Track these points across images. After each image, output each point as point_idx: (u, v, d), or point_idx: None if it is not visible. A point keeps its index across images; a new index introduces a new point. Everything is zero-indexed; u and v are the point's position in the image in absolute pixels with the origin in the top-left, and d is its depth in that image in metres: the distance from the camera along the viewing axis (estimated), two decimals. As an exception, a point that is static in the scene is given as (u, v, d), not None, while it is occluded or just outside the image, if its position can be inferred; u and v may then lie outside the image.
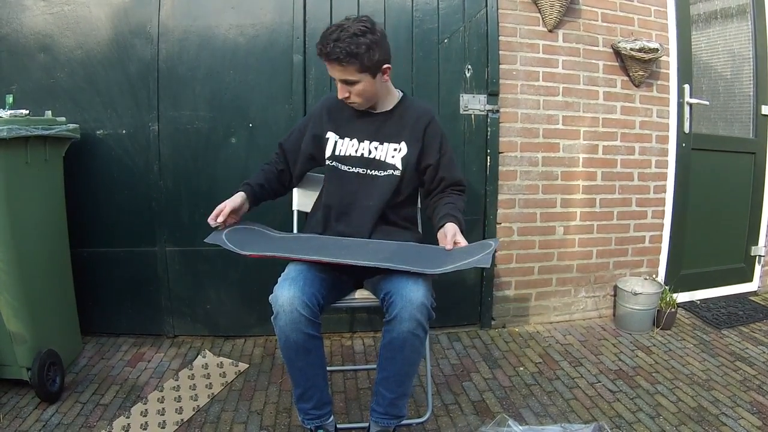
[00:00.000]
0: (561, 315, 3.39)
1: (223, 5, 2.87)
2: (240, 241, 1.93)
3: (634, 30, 3.27)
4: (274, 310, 1.72)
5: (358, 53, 1.87)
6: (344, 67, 1.90)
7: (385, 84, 2.08)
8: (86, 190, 2.90)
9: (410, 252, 1.93)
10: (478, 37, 3.04)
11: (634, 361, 2.85)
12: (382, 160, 2.09)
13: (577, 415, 2.33)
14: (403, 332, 1.71)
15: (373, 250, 1.92)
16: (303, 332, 1.70)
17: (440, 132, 2.15)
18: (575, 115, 3.22)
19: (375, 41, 1.90)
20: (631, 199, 3.40)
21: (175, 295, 3.03)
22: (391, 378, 1.82)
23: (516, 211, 3.21)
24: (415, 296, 1.70)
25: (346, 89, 1.99)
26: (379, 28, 1.95)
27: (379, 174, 2.09)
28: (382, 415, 1.86)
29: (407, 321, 1.70)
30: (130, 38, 2.87)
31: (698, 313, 3.49)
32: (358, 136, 2.12)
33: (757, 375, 2.68)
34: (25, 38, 2.84)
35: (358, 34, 1.87)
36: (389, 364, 1.80)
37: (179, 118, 2.91)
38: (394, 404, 1.85)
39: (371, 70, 1.94)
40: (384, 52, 1.96)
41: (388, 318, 1.74)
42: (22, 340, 2.27)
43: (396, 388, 1.83)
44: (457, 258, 1.83)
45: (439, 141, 2.13)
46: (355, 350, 2.97)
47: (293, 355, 1.75)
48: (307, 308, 1.70)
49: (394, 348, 1.75)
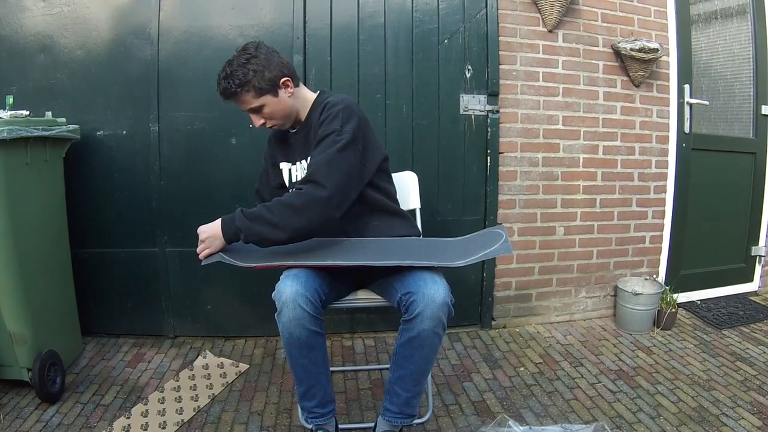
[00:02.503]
0: (561, 315, 3.39)
1: (223, 6, 2.87)
2: (238, 254, 1.91)
3: (634, 30, 3.27)
4: (277, 307, 1.71)
5: (248, 80, 1.91)
6: (242, 97, 1.95)
7: (294, 96, 2.03)
8: (86, 191, 2.90)
9: (421, 247, 1.93)
10: (478, 37, 3.04)
11: (634, 362, 2.84)
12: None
13: (577, 415, 2.33)
14: (425, 330, 1.70)
15: (381, 249, 1.91)
16: (306, 328, 1.69)
17: (328, 116, 1.93)
18: (575, 115, 3.22)
19: (261, 63, 1.93)
20: (631, 200, 3.40)
21: (176, 295, 3.03)
22: (407, 377, 1.81)
23: (516, 212, 3.21)
24: (437, 294, 1.69)
25: (258, 118, 2.01)
26: (263, 49, 1.98)
27: None
28: (395, 414, 1.86)
29: (429, 319, 1.69)
30: (130, 39, 2.87)
31: (699, 314, 3.49)
32: (305, 155, 2.06)
33: (757, 375, 2.68)
34: (25, 39, 2.85)
35: (243, 63, 1.92)
36: (407, 363, 1.79)
37: (180, 119, 2.91)
38: (409, 403, 1.86)
39: (269, 90, 1.95)
40: (275, 68, 1.96)
41: (408, 317, 1.72)
42: (23, 341, 2.27)
43: (412, 387, 1.84)
44: (474, 249, 1.84)
45: (320, 126, 1.95)
46: (355, 351, 2.97)
47: (296, 352, 1.74)
48: (310, 304, 1.69)
49: (413, 346, 1.74)
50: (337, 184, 1.79)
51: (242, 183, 2.90)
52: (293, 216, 1.75)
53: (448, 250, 1.91)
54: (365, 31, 2.96)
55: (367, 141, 1.97)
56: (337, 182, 1.79)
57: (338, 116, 1.89)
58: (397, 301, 1.77)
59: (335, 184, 1.79)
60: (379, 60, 2.98)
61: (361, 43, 2.95)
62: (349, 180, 1.85)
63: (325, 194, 1.76)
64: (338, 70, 2.95)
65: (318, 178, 1.78)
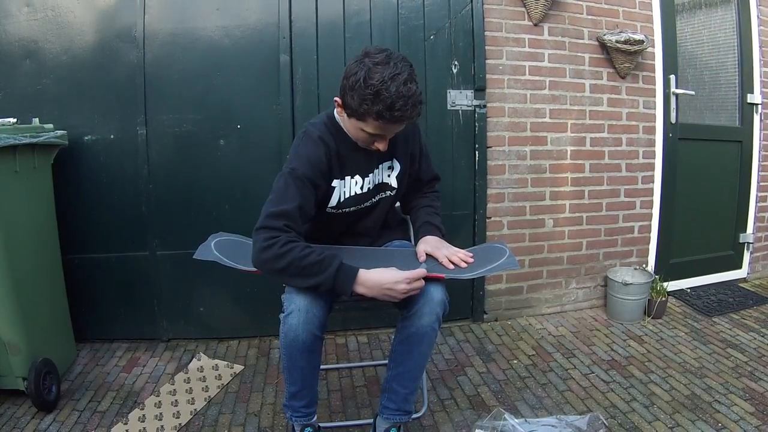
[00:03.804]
0: (552, 307, 3.42)
1: (209, 7, 2.86)
2: (238, 256, 1.90)
3: (619, 22, 3.29)
4: (286, 309, 1.70)
5: (421, 100, 1.73)
6: (412, 119, 1.74)
7: None
8: (76, 197, 2.88)
9: (430, 259, 1.94)
10: (464, 32, 3.04)
11: (626, 351, 2.87)
12: (380, 182, 2.01)
13: (571, 406, 2.35)
14: (423, 327, 1.74)
15: (388, 257, 1.94)
16: (313, 333, 1.70)
17: (419, 133, 2.08)
18: (562, 108, 3.24)
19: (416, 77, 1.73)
20: (619, 190, 3.42)
21: (168, 298, 3.02)
22: (406, 373, 1.84)
23: (505, 205, 3.22)
24: (435, 292, 1.74)
25: (386, 142, 1.83)
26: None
27: (381, 197, 2.03)
28: (394, 411, 1.89)
29: (427, 315, 1.73)
30: (116, 42, 2.85)
31: (689, 302, 3.53)
32: (360, 171, 1.95)
33: (748, 361, 2.72)
34: (9, 45, 2.82)
35: (413, 78, 1.69)
36: (405, 360, 1.82)
37: (167, 122, 2.90)
38: (407, 400, 1.89)
39: None
40: None
41: (406, 314, 1.76)
42: (17, 350, 2.26)
43: (410, 384, 1.86)
44: (479, 262, 1.88)
45: (419, 144, 2.08)
46: (349, 348, 2.98)
47: (298, 355, 1.74)
48: (321, 310, 1.71)
49: (411, 343, 1.78)
50: None
51: (231, 184, 2.91)
52: None
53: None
54: (351, 29, 2.95)
55: None
56: None
57: (420, 134, 2.10)
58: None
59: None
60: (365, 57, 2.97)
61: (347, 41, 2.95)
62: None
63: None
64: (325, 68, 2.94)
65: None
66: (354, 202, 1.96)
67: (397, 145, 1.98)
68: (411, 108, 1.66)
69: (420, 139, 2.08)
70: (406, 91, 1.63)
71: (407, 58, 1.71)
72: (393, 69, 1.63)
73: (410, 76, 1.66)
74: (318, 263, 1.63)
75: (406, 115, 1.66)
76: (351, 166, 1.91)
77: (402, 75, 1.63)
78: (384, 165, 1.99)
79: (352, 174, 1.92)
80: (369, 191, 1.98)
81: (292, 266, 1.63)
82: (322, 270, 1.64)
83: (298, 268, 1.63)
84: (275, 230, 1.66)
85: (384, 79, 1.62)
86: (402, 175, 2.03)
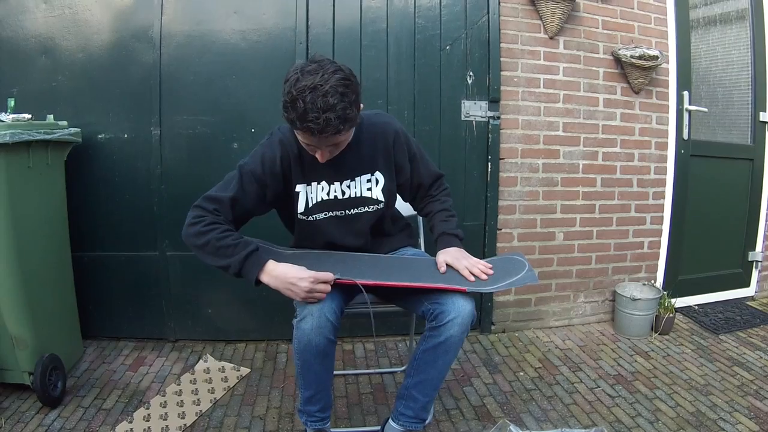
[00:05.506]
0: (560, 320, 3.41)
1: (226, 10, 2.88)
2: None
3: (634, 37, 3.29)
4: (299, 314, 1.71)
5: (351, 115, 1.66)
6: (340, 134, 1.67)
7: None
8: (87, 195, 2.90)
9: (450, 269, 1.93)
10: (480, 43, 3.05)
11: (632, 366, 2.86)
12: (357, 196, 1.95)
13: (576, 420, 2.34)
14: (452, 337, 1.75)
15: (405, 266, 1.95)
16: (326, 337, 1.70)
17: (404, 140, 1.99)
18: (575, 121, 3.24)
19: (356, 89, 1.68)
20: (630, 205, 3.41)
21: (176, 299, 3.03)
22: (427, 381, 1.85)
23: (516, 217, 3.22)
24: (466, 304, 1.76)
25: (330, 151, 1.77)
26: (347, 68, 1.69)
27: (360, 211, 1.98)
28: (411, 419, 1.89)
29: (458, 326, 1.74)
30: (132, 42, 2.87)
31: (696, 319, 3.51)
32: (327, 178, 1.92)
33: (754, 380, 2.70)
34: (26, 41, 2.85)
35: (342, 91, 1.61)
36: (429, 368, 1.83)
37: (181, 123, 2.91)
38: (426, 408, 1.90)
39: (357, 119, 1.75)
40: (359, 92, 1.71)
41: (436, 324, 1.77)
42: (24, 345, 2.27)
43: (431, 392, 1.88)
44: (499, 275, 1.88)
45: (406, 151, 2.00)
46: (356, 355, 2.98)
47: (312, 359, 1.74)
48: (334, 314, 1.71)
49: (438, 352, 1.79)
50: None
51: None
52: None
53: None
54: (368, 37, 2.97)
55: None
56: None
57: (409, 140, 2.04)
58: (423, 310, 1.82)
59: None
60: (381, 65, 2.99)
61: (363, 49, 2.96)
62: None
63: None
64: (340, 75, 2.94)
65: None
66: (322, 208, 1.92)
67: (376, 158, 1.94)
68: (325, 121, 1.58)
69: (408, 146, 2.01)
70: (322, 104, 1.56)
71: (353, 73, 1.67)
72: (317, 79, 1.58)
73: (334, 90, 1.58)
74: (232, 246, 1.71)
75: (318, 127, 1.59)
76: (315, 172, 1.89)
77: (324, 87, 1.57)
78: (362, 178, 1.94)
79: (318, 180, 1.90)
80: (339, 201, 1.93)
81: (209, 245, 1.72)
82: (235, 253, 1.71)
83: (214, 247, 1.72)
84: (205, 210, 1.78)
85: (303, 88, 1.57)
86: (388, 188, 1.98)
